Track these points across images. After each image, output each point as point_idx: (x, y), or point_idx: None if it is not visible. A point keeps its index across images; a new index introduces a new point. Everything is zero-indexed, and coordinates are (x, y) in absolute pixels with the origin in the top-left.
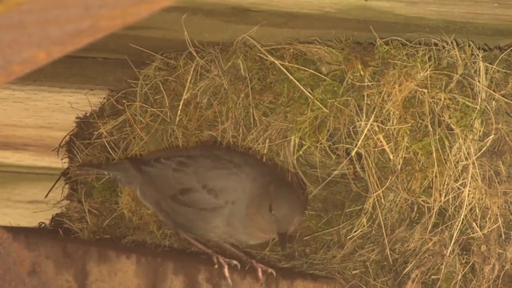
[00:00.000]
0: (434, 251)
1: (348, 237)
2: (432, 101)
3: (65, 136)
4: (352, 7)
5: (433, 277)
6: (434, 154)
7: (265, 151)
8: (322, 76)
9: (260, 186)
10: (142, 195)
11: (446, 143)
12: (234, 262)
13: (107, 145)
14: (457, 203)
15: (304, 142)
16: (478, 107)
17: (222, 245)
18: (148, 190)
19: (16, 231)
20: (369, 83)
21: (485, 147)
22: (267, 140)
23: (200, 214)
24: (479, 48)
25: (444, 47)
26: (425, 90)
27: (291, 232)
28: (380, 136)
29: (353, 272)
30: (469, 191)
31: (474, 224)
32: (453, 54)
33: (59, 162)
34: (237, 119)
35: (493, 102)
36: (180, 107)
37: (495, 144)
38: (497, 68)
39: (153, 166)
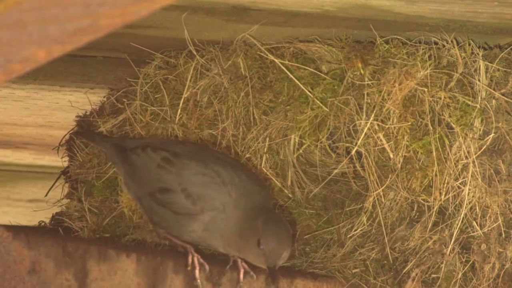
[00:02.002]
0: (434, 250)
1: (348, 236)
2: (432, 99)
3: (65, 135)
4: (352, 6)
5: (433, 275)
6: (434, 153)
7: (265, 150)
8: (322, 74)
9: (245, 214)
10: (126, 185)
11: (446, 141)
12: (207, 266)
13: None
14: (457, 202)
15: (304, 141)
16: (478, 105)
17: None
18: (131, 182)
19: (16, 230)
20: (369, 82)
21: (485, 146)
22: (267, 139)
23: (175, 217)
24: (479, 47)
25: (444, 46)
26: (425, 89)
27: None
28: (380, 135)
29: (353, 271)
30: (469, 189)
31: (474, 222)
32: (453, 52)
33: (59, 161)
34: (237, 118)
35: (493, 101)
36: (180, 106)
37: (495, 142)
38: (497, 67)
39: (139, 155)
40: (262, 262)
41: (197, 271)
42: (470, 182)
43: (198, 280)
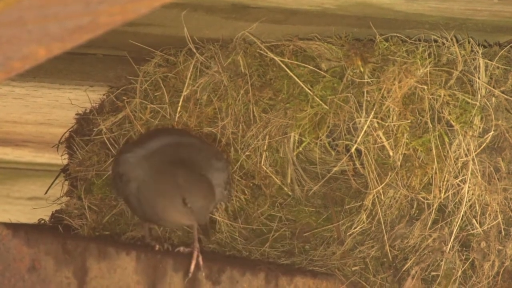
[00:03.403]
0: (434, 248)
1: (348, 234)
2: (432, 97)
3: (65, 133)
4: (352, 4)
5: (432, 273)
6: (434, 151)
7: (265, 148)
8: (322, 72)
9: (162, 175)
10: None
11: (446, 139)
12: (166, 245)
13: (107, 141)
14: (457, 200)
15: (303, 139)
16: (477, 103)
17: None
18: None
19: (15, 228)
20: (369, 80)
21: (484, 144)
22: (267, 137)
23: (125, 198)
24: (478, 45)
25: (443, 44)
26: (425, 87)
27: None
28: (380, 133)
29: (353, 268)
30: (468, 187)
31: (474, 220)
32: (453, 50)
33: (59, 159)
34: (237, 116)
35: (493, 99)
36: (180, 104)
37: (494, 140)
38: (497, 65)
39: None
40: (191, 220)
41: (193, 265)
42: (469, 180)
43: (190, 273)
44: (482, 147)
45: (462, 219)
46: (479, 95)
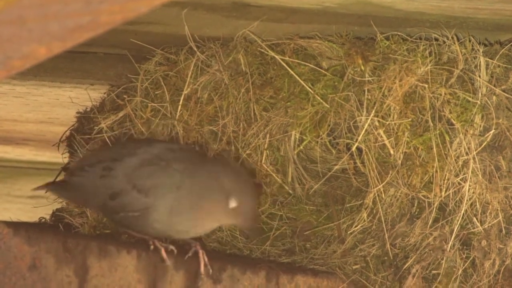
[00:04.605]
0: (435, 246)
1: (349, 232)
2: (433, 96)
3: (66, 131)
4: (353, 2)
5: (433, 272)
6: (435, 149)
7: (266, 146)
8: (323, 71)
9: (203, 180)
10: (85, 206)
11: (447, 138)
12: (171, 247)
13: (107, 140)
14: (457, 198)
15: (304, 137)
16: (478, 102)
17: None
18: (85, 202)
19: (16, 226)
20: (370, 78)
21: (485, 142)
22: (268, 135)
23: (134, 217)
24: (479, 43)
25: (444, 42)
26: (426, 85)
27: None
28: (381, 131)
29: (354, 267)
30: (469, 186)
31: (474, 219)
32: (454, 49)
33: (60, 157)
34: (238, 114)
35: (494, 97)
36: (180, 102)
37: (495, 139)
38: (498, 63)
39: (80, 176)
40: (238, 222)
41: (163, 252)
42: (470, 178)
43: (168, 261)
44: (483, 145)
45: (463, 217)
46: (480, 94)
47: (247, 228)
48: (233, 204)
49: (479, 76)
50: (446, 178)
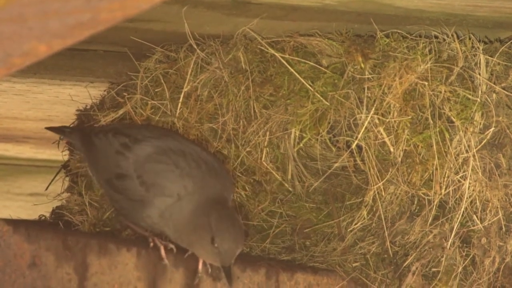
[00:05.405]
0: (435, 244)
1: (349, 230)
2: (433, 93)
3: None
4: (352, 0)
5: (433, 269)
6: (435, 147)
7: (266, 144)
8: (323, 68)
9: (199, 209)
10: (91, 172)
11: (447, 135)
12: (171, 245)
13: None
14: (457, 196)
15: (304, 135)
16: (478, 99)
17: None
18: (93, 168)
19: (16, 224)
20: (370, 76)
21: (485, 140)
22: (268, 133)
23: (130, 203)
24: (479, 41)
25: (444, 40)
26: (426, 83)
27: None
28: (381, 129)
29: (354, 264)
30: (469, 183)
31: (474, 216)
32: (454, 46)
33: (60, 155)
34: (238, 112)
35: (494, 95)
36: (180, 100)
37: (495, 136)
38: (498, 61)
39: (100, 139)
40: (216, 261)
41: (162, 251)
42: (470, 176)
43: (165, 260)
44: (482, 143)
45: (462, 215)
46: (479, 91)
47: (224, 267)
48: (213, 244)
49: (479, 74)
50: (446, 175)
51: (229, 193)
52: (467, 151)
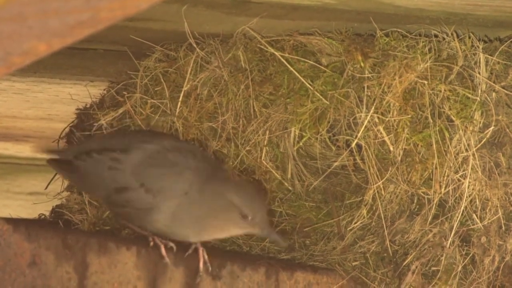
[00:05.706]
0: (434, 243)
1: (348, 229)
2: (432, 92)
3: (65, 128)
4: None
5: (433, 268)
6: (434, 146)
7: (265, 143)
8: (322, 67)
9: (212, 195)
10: (85, 193)
11: (446, 134)
12: (171, 244)
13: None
14: (457, 195)
15: (304, 134)
16: (478, 98)
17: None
18: (84, 188)
19: (16, 223)
20: (369, 75)
21: (485, 139)
22: (267, 132)
23: (137, 212)
24: (479, 40)
25: (444, 39)
26: (425, 82)
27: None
28: (380, 128)
29: (353, 263)
30: (469, 182)
31: (474, 215)
32: (453, 45)
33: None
34: (237, 111)
35: (493, 94)
36: (180, 99)
37: (495, 135)
38: (497, 60)
39: (85, 161)
40: (257, 233)
41: (162, 249)
42: (470, 175)
43: (166, 258)
44: (482, 142)
45: (462, 214)
46: (479, 90)
47: (267, 235)
48: (246, 218)
49: (479, 73)
50: (446, 174)
51: (225, 172)
52: (466, 150)
